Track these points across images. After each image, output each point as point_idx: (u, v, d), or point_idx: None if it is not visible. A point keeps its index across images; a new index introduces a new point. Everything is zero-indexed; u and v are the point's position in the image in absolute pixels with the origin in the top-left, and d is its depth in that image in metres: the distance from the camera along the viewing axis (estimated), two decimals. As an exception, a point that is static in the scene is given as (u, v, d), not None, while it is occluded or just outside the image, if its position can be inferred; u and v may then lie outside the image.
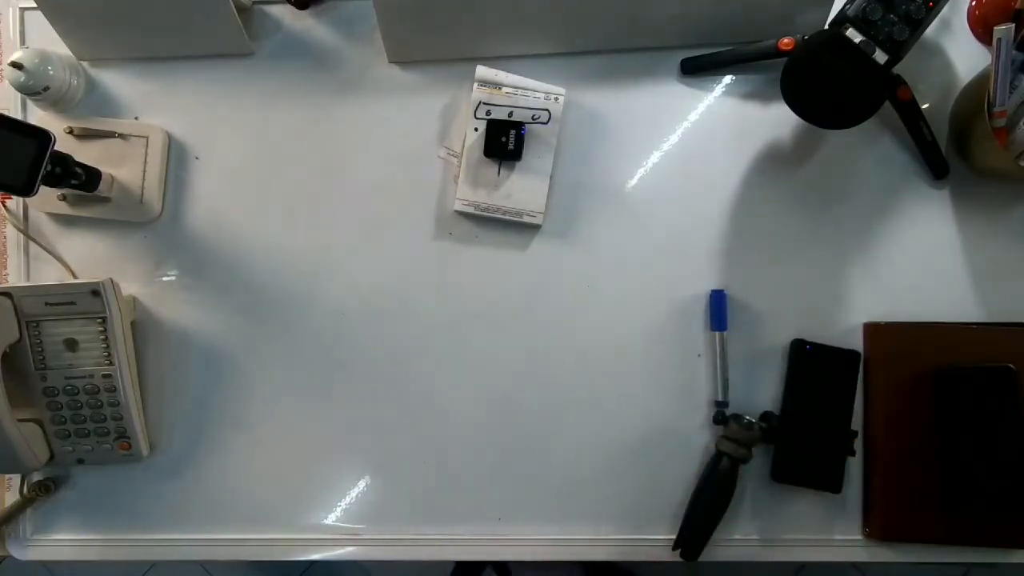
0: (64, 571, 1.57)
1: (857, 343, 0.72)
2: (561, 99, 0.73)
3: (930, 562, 0.71)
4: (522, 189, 0.73)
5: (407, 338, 0.76)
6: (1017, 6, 0.66)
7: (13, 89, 0.74)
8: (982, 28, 0.71)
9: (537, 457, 0.74)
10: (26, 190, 0.64)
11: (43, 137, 0.65)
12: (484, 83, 0.73)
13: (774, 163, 0.74)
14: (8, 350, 0.70)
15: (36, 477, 0.77)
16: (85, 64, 0.79)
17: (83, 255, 0.78)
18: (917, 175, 0.73)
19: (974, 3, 0.72)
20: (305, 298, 0.76)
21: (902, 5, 0.61)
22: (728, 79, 0.75)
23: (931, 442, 0.69)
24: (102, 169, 0.74)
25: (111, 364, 0.72)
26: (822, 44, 0.63)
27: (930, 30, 0.65)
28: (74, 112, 0.78)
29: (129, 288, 0.77)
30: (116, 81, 0.79)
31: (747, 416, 0.70)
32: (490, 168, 0.74)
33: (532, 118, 0.72)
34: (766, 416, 0.71)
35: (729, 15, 0.71)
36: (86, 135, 0.76)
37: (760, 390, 0.73)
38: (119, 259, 0.78)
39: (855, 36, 0.62)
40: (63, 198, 0.76)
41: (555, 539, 0.74)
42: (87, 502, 0.78)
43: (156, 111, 0.78)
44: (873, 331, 0.72)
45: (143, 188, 0.76)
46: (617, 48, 0.75)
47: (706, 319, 0.73)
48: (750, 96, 0.74)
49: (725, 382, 0.72)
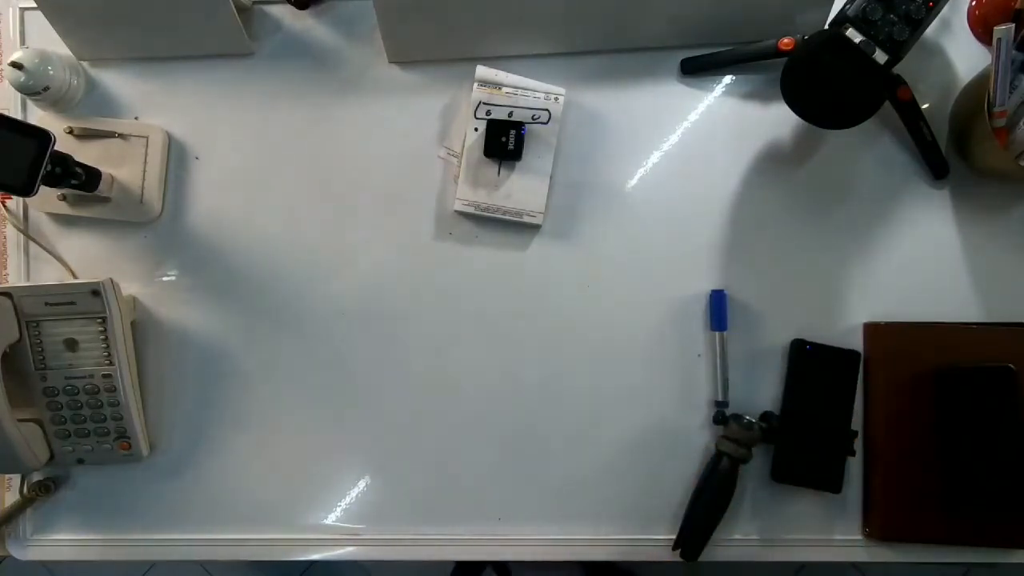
0: (64, 571, 1.57)
1: (857, 343, 0.72)
2: (561, 99, 0.73)
3: (930, 562, 0.71)
4: (522, 189, 0.73)
5: (407, 338, 0.76)
6: (1017, 6, 0.66)
7: (13, 89, 0.74)
8: (982, 28, 0.71)
9: (537, 457, 0.74)
10: (26, 190, 0.64)
11: (43, 137, 0.65)
12: (484, 83, 0.73)
13: (774, 163, 0.74)
14: (8, 350, 0.70)
15: (36, 477, 0.77)
16: (85, 64, 0.79)
17: (83, 255, 0.78)
18: (917, 175, 0.73)
19: (974, 3, 0.72)
20: (305, 298, 0.76)
21: (902, 5, 0.61)
22: (728, 79, 0.75)
23: (931, 442, 0.69)
24: (102, 169, 0.74)
25: (111, 364, 0.72)
26: (822, 44, 0.63)
27: (930, 30, 0.65)
28: (74, 112, 0.78)
29: (129, 288, 0.77)
30: (116, 81, 0.79)
31: (747, 416, 0.70)
32: (490, 168, 0.74)
33: (532, 118, 0.72)
34: (766, 416, 0.71)
35: (729, 15, 0.71)
36: (86, 135, 0.76)
37: (760, 390, 0.73)
38: (119, 259, 0.78)
39: (855, 36, 0.62)
40: (63, 198, 0.76)
41: (555, 539, 0.74)
42: (87, 502, 0.78)
43: (156, 111, 0.78)
44: (873, 331, 0.72)
45: (143, 188, 0.76)
46: (617, 48, 0.75)
47: (706, 319, 0.73)
48: (750, 96, 0.74)
49: (725, 382, 0.72)
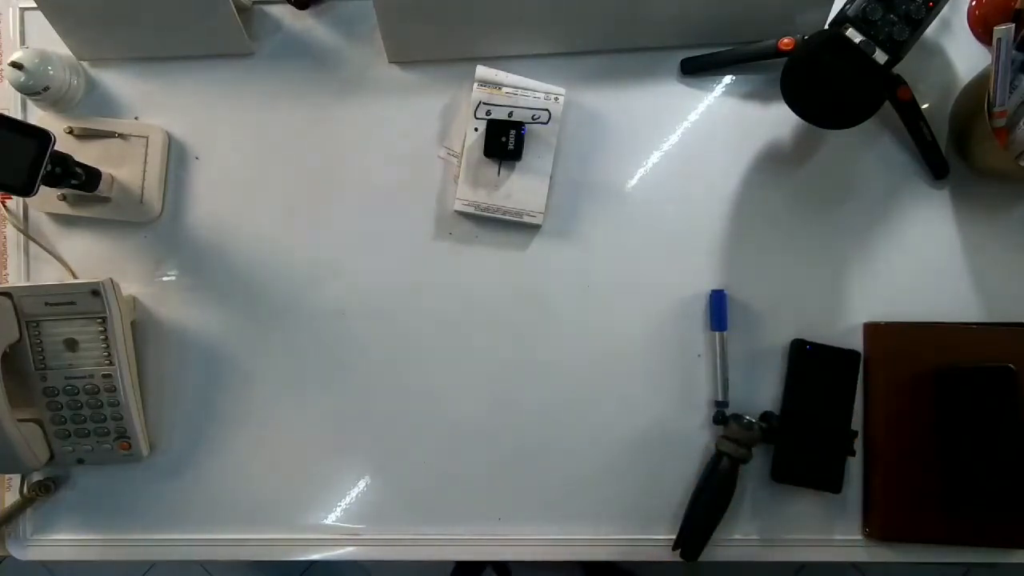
0: (64, 571, 1.56)
1: (857, 343, 0.72)
2: (561, 99, 0.73)
3: (930, 562, 0.71)
4: (522, 189, 0.73)
5: (407, 338, 0.76)
6: (1017, 6, 0.66)
7: (13, 89, 0.74)
8: (982, 28, 0.71)
9: (537, 457, 0.74)
10: (26, 190, 0.64)
11: (43, 137, 0.65)
12: (484, 83, 0.73)
13: (774, 163, 0.74)
14: (8, 350, 0.70)
15: (36, 477, 0.77)
16: (85, 64, 0.79)
17: (83, 255, 0.78)
18: (917, 175, 0.73)
19: (974, 3, 0.72)
20: (305, 298, 0.76)
21: (902, 5, 0.61)
22: (728, 79, 0.75)
23: (931, 442, 0.69)
24: (102, 169, 0.74)
25: (111, 364, 0.72)
26: (822, 44, 0.63)
27: (930, 30, 0.65)
28: (74, 112, 0.78)
29: (129, 288, 0.77)
30: (116, 81, 0.79)
31: (747, 416, 0.70)
32: (490, 168, 0.74)
33: (532, 118, 0.72)
34: (766, 416, 0.71)
35: (729, 15, 0.71)
36: (86, 135, 0.76)
37: (760, 390, 0.73)
38: (119, 259, 0.78)
39: (855, 36, 0.62)
40: (63, 198, 0.76)
41: (555, 539, 0.74)
42: (87, 502, 0.78)
43: (156, 111, 0.78)
44: (873, 331, 0.72)
45: (143, 188, 0.76)
46: (617, 48, 0.75)
47: (706, 319, 0.73)
48: (750, 96, 0.74)
49: (725, 382, 0.72)
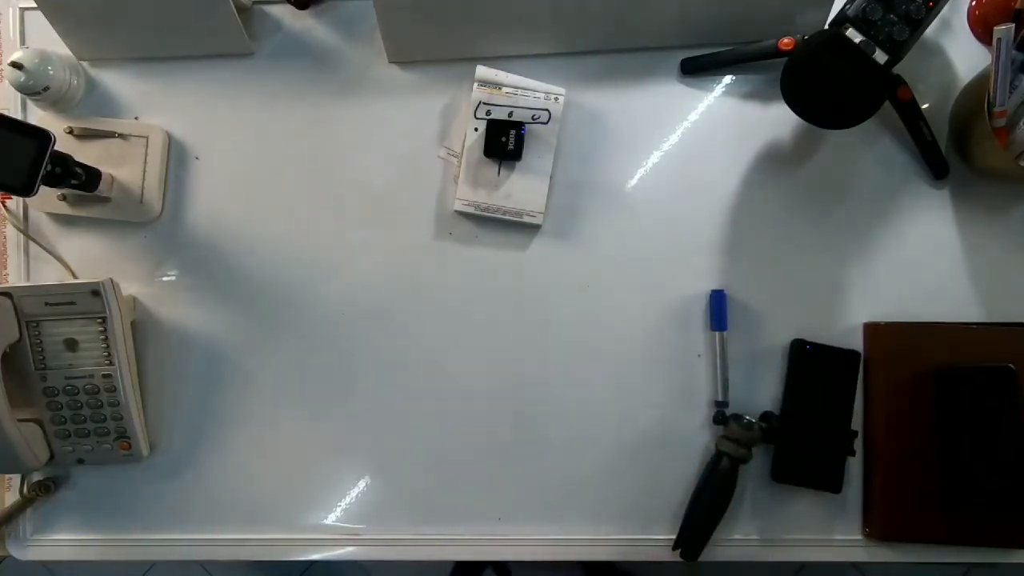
0: (64, 571, 1.56)
1: (857, 343, 0.72)
2: (561, 99, 0.73)
3: (930, 562, 0.71)
4: (522, 189, 0.73)
5: (407, 338, 0.76)
6: (1017, 6, 0.66)
7: (13, 89, 0.74)
8: (982, 28, 0.71)
9: (537, 457, 0.74)
10: (26, 190, 0.64)
11: (43, 137, 0.65)
12: (484, 83, 0.73)
13: (774, 163, 0.74)
14: (8, 350, 0.70)
15: (36, 477, 0.77)
16: (85, 64, 0.79)
17: (83, 255, 0.78)
18: (917, 175, 0.73)
19: (974, 3, 0.72)
20: (305, 298, 0.76)
21: (902, 5, 0.61)
22: (728, 79, 0.75)
23: (931, 442, 0.69)
24: (102, 169, 0.74)
25: (111, 364, 0.72)
26: (822, 44, 0.63)
27: (930, 30, 0.65)
28: (74, 112, 0.78)
29: (129, 288, 0.77)
30: (116, 81, 0.79)
31: (747, 416, 0.70)
32: (490, 168, 0.74)
33: (532, 118, 0.72)
34: (766, 416, 0.71)
35: (729, 15, 0.71)
36: (86, 135, 0.76)
37: (760, 390, 0.73)
38: (119, 259, 0.78)
39: (855, 36, 0.62)
40: (63, 198, 0.76)
41: (555, 539, 0.74)
42: (87, 502, 0.78)
43: (156, 111, 0.78)
44: (873, 331, 0.72)
45: (143, 188, 0.76)
46: (617, 48, 0.75)
47: (706, 319, 0.73)
48: (750, 96, 0.74)
49: (725, 382, 0.72)
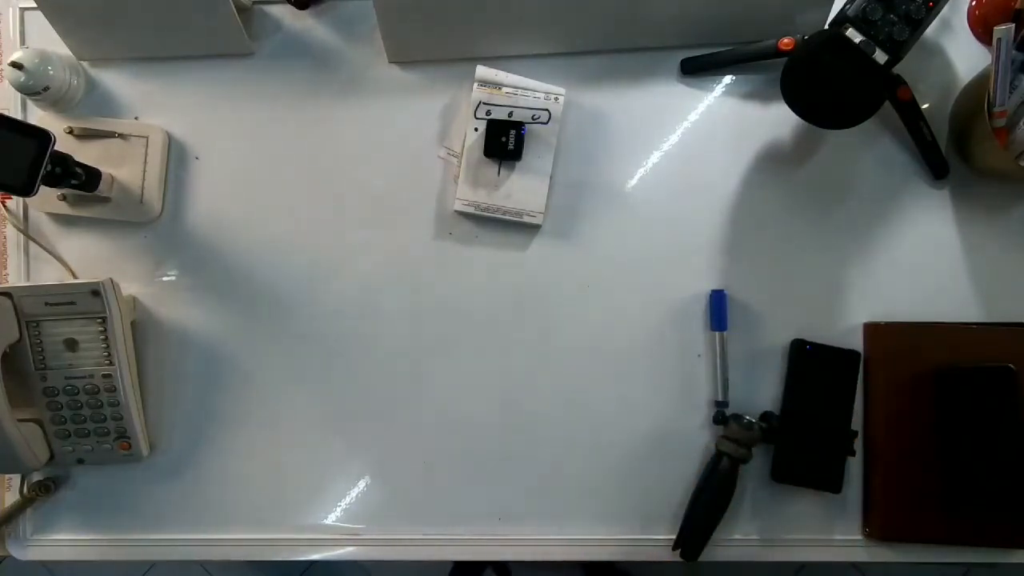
0: (64, 571, 1.56)
1: (857, 343, 0.72)
2: (561, 99, 0.73)
3: (930, 562, 0.71)
4: (522, 189, 0.73)
5: (406, 338, 0.76)
6: (1017, 6, 0.66)
7: (13, 89, 0.74)
8: (982, 28, 0.71)
9: (537, 457, 0.74)
10: (26, 190, 0.64)
11: (43, 137, 0.65)
12: (484, 83, 0.73)
13: (774, 163, 0.74)
14: (8, 350, 0.70)
15: (36, 477, 0.77)
16: (85, 64, 0.79)
17: (83, 255, 0.78)
18: (917, 175, 0.73)
19: (974, 3, 0.72)
20: (305, 298, 0.76)
21: (902, 5, 0.61)
22: (728, 79, 0.75)
23: (931, 442, 0.69)
24: (102, 169, 0.74)
25: (111, 364, 0.72)
26: (822, 44, 0.63)
27: (930, 30, 0.65)
28: (74, 112, 0.78)
29: (129, 288, 0.77)
30: (116, 81, 0.79)
31: (747, 416, 0.70)
32: (490, 168, 0.74)
33: (532, 118, 0.72)
34: (766, 416, 0.71)
35: (729, 15, 0.71)
36: (86, 135, 0.76)
37: (760, 390, 0.73)
38: (119, 259, 0.78)
39: (855, 36, 0.62)
40: (63, 198, 0.76)
41: (555, 539, 0.74)
42: (87, 502, 0.78)
43: (156, 111, 0.78)
44: (873, 331, 0.72)
45: (143, 188, 0.76)
46: (617, 48, 0.75)
47: (706, 319, 0.73)
48: (750, 96, 0.74)
49: (725, 382, 0.72)
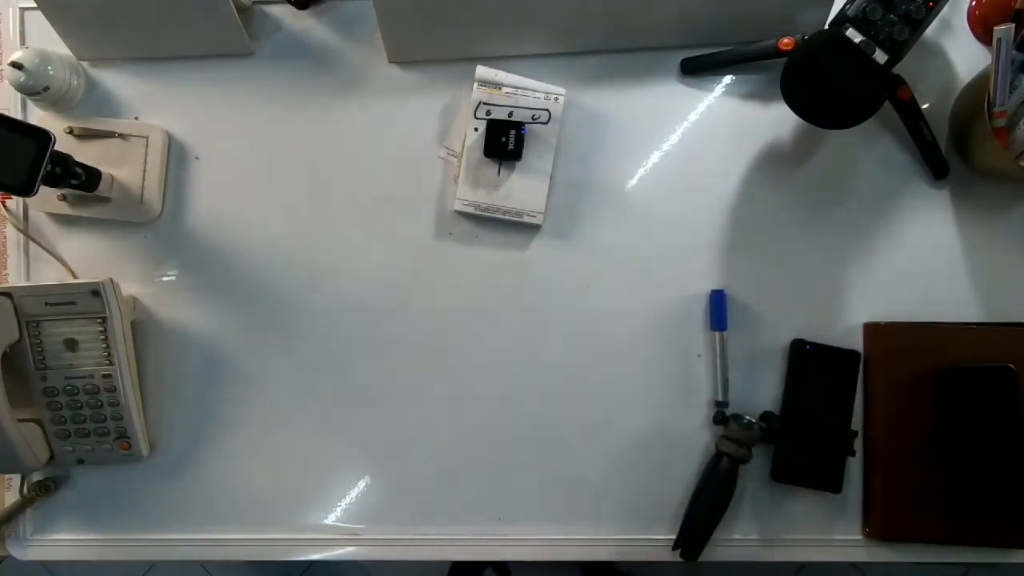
0: (64, 571, 1.56)
1: (857, 343, 0.72)
2: (561, 99, 0.73)
3: (930, 562, 0.71)
4: (522, 189, 0.73)
5: (406, 338, 0.76)
6: (1017, 6, 0.66)
7: (13, 89, 0.74)
8: (982, 28, 0.71)
9: (537, 457, 0.74)
10: (26, 190, 0.64)
11: (43, 137, 0.65)
12: (484, 83, 0.73)
13: (774, 163, 0.74)
14: (8, 350, 0.70)
15: (36, 477, 0.77)
16: (85, 64, 0.79)
17: (83, 255, 0.78)
18: (917, 175, 0.73)
19: (974, 3, 0.72)
20: (305, 298, 0.76)
21: (902, 5, 0.61)
22: (728, 79, 0.75)
23: (931, 442, 0.69)
24: (102, 169, 0.74)
25: (111, 364, 0.72)
26: (822, 44, 0.63)
27: (930, 30, 0.65)
28: (74, 112, 0.78)
29: (129, 288, 0.77)
30: (116, 81, 0.79)
31: (747, 416, 0.70)
32: (490, 168, 0.74)
33: (532, 118, 0.72)
34: (766, 416, 0.71)
35: (729, 15, 0.71)
36: (86, 135, 0.76)
37: (760, 390, 0.73)
38: (119, 259, 0.78)
39: (855, 36, 0.62)
40: (63, 198, 0.76)
41: (555, 539, 0.74)
42: (87, 502, 0.78)
43: (156, 111, 0.78)
44: (873, 331, 0.72)
45: (143, 188, 0.76)
46: (617, 48, 0.75)
47: (706, 319, 0.73)
48: (750, 96, 0.74)
49: (725, 382, 0.72)
